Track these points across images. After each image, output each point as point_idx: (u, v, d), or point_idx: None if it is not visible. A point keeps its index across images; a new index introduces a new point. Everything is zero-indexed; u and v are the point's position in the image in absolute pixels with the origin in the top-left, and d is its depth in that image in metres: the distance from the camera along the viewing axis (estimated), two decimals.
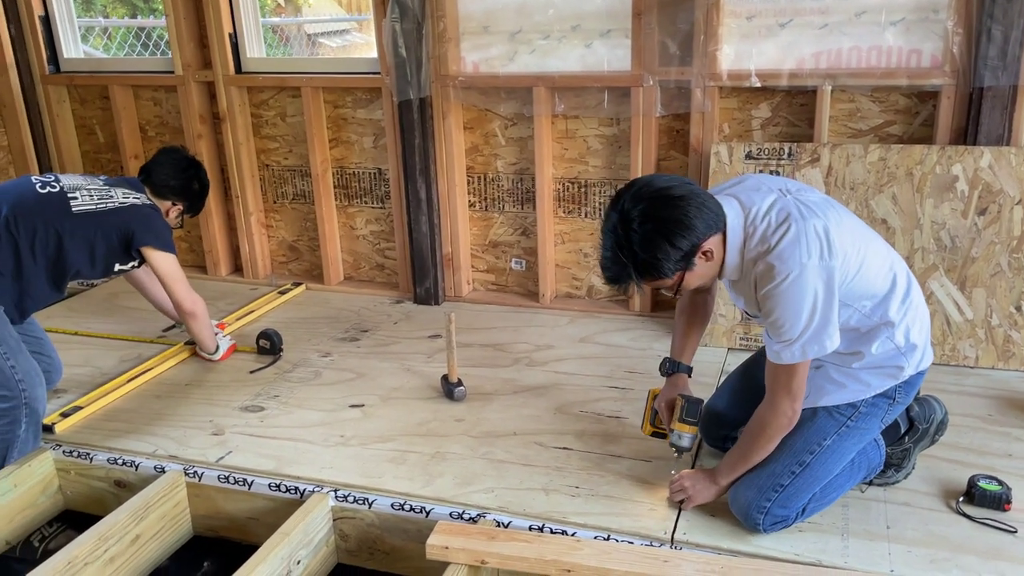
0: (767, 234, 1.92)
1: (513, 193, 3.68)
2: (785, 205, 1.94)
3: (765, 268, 1.90)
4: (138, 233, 2.77)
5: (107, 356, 3.29)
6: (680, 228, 1.87)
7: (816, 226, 1.89)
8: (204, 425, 2.74)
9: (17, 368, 2.51)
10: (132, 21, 4.83)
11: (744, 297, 2.06)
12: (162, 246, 2.84)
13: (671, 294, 2.03)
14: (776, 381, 1.98)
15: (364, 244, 4.02)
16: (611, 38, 3.30)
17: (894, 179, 2.94)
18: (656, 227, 1.87)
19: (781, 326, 1.90)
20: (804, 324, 1.88)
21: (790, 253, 1.87)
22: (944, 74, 2.92)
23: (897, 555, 2.01)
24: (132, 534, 2.30)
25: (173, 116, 4.10)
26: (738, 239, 1.96)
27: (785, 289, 1.87)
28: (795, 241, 1.87)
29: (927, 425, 2.29)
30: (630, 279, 1.94)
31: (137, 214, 2.78)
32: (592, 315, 3.57)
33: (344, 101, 3.81)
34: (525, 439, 2.59)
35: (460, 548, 2.04)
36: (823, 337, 1.90)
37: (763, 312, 1.95)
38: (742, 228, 1.95)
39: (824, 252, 1.87)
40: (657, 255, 1.87)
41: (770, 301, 1.90)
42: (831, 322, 1.90)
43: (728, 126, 3.26)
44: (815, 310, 1.87)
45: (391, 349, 3.31)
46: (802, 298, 1.86)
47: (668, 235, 1.86)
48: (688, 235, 1.87)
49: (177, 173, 2.96)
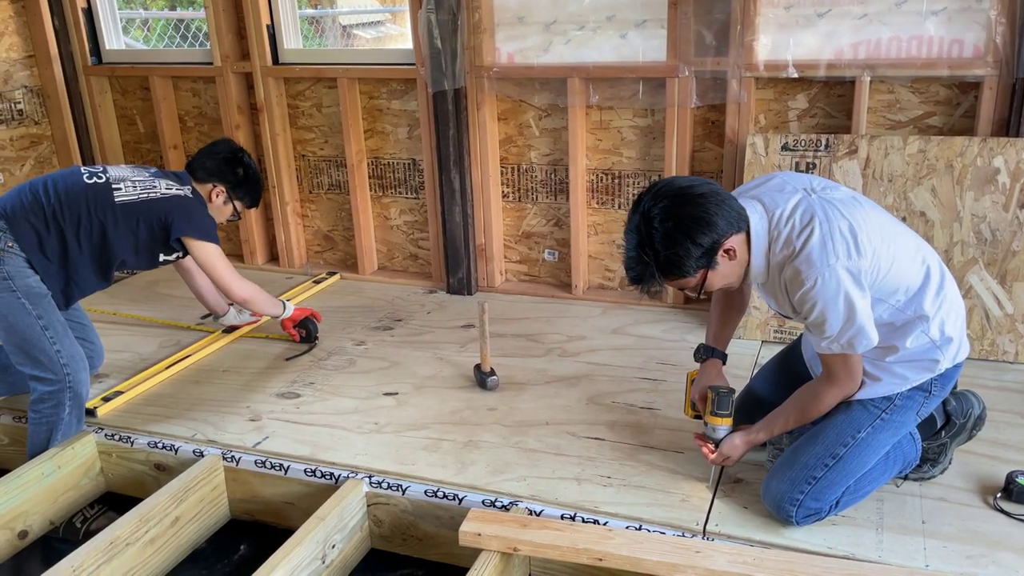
0: (792, 237, 1.91)
1: (546, 184, 3.68)
2: (809, 206, 1.94)
3: (793, 273, 1.90)
4: (177, 223, 2.76)
5: (147, 342, 3.36)
6: (701, 225, 1.87)
7: (841, 227, 1.88)
8: (241, 411, 2.79)
9: (63, 352, 2.57)
10: (171, 13, 4.90)
11: (775, 299, 2.06)
12: (202, 235, 2.81)
13: (696, 295, 2.02)
14: (833, 366, 2.00)
15: (398, 234, 4.05)
16: (646, 28, 3.28)
17: (934, 171, 2.90)
18: (677, 224, 1.87)
19: (820, 326, 1.91)
20: (842, 323, 1.89)
21: (817, 256, 1.87)
22: (986, 64, 2.87)
23: (933, 550, 2.00)
24: (172, 516, 2.35)
25: (212, 107, 4.16)
26: (763, 242, 1.96)
27: (817, 292, 1.87)
28: (821, 244, 1.87)
29: (964, 420, 2.27)
30: (653, 279, 1.94)
31: (178, 204, 2.80)
32: (625, 306, 3.57)
33: (379, 92, 3.83)
34: (557, 429, 2.60)
35: (493, 535, 2.06)
36: (868, 331, 1.91)
37: (802, 314, 1.96)
38: (766, 232, 1.95)
39: (851, 252, 1.86)
40: (678, 252, 1.87)
41: (805, 305, 1.91)
42: (869, 317, 1.90)
43: (764, 117, 3.24)
44: (851, 309, 1.87)
45: (424, 338, 3.33)
46: (835, 300, 1.86)
47: (689, 232, 1.86)
48: (709, 232, 1.87)
49: (214, 155, 2.93)
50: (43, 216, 2.60)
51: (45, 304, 2.58)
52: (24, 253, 2.57)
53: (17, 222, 2.58)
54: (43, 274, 2.61)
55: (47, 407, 2.58)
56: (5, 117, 4.14)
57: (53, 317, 2.58)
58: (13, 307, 2.53)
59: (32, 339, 2.54)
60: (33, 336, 2.54)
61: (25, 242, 2.57)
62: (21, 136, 4.22)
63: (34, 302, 2.55)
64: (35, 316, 2.54)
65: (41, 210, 2.60)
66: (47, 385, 2.57)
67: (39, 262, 2.60)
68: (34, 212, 2.60)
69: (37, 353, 2.55)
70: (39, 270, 2.60)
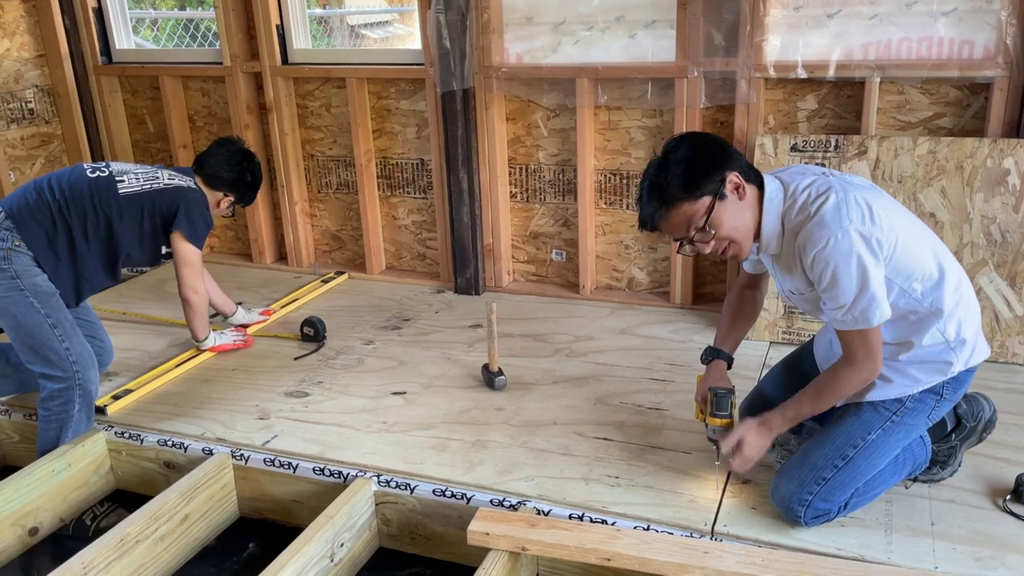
0: (807, 203, 1.94)
1: (554, 184, 3.68)
2: (827, 181, 1.98)
3: (806, 235, 1.91)
4: (178, 216, 2.79)
5: (156, 341, 3.37)
6: (714, 150, 1.97)
7: (857, 196, 1.91)
8: (250, 409, 2.80)
9: (72, 350, 2.59)
10: (181, 13, 4.91)
11: (788, 273, 2.04)
12: (191, 239, 2.84)
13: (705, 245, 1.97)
14: (851, 344, 1.96)
15: (406, 234, 4.06)
16: (655, 29, 3.28)
17: (943, 172, 2.89)
18: (694, 151, 1.96)
19: (832, 291, 1.89)
20: (856, 287, 1.86)
21: (831, 217, 1.87)
22: (997, 65, 2.86)
23: (942, 552, 1.99)
24: (181, 514, 2.36)
25: (221, 106, 4.18)
26: (777, 207, 1.98)
27: (829, 253, 1.86)
28: (836, 207, 1.88)
29: (975, 423, 2.26)
30: (663, 206, 1.95)
31: (182, 197, 2.82)
32: (632, 307, 3.57)
33: (388, 92, 3.84)
34: (565, 429, 2.61)
35: (501, 535, 2.06)
36: (881, 301, 1.88)
37: (814, 281, 1.94)
38: (782, 200, 1.99)
39: (866, 218, 1.87)
40: (693, 169, 1.93)
41: (817, 267, 1.90)
42: (882, 287, 1.88)
43: (773, 118, 3.23)
44: (864, 274, 1.85)
45: (432, 338, 3.34)
46: (847, 261, 1.85)
47: (701, 155, 1.95)
48: (721, 156, 1.96)
49: (231, 166, 2.96)
50: (49, 214, 2.62)
51: (53, 303, 2.59)
52: (31, 252, 2.59)
53: (24, 221, 2.59)
54: (53, 272, 2.63)
55: (56, 405, 2.60)
56: (16, 116, 4.16)
57: (61, 315, 2.60)
58: (21, 306, 2.54)
59: (41, 337, 2.56)
60: (42, 334, 2.55)
61: (33, 241, 2.59)
62: (32, 135, 4.24)
63: (42, 301, 2.56)
64: (44, 315, 2.55)
65: (47, 208, 2.62)
66: (56, 383, 2.58)
67: (49, 260, 2.61)
68: (40, 211, 2.61)
69: (46, 351, 2.56)
70: (49, 268, 2.62)
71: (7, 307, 2.55)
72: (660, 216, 1.97)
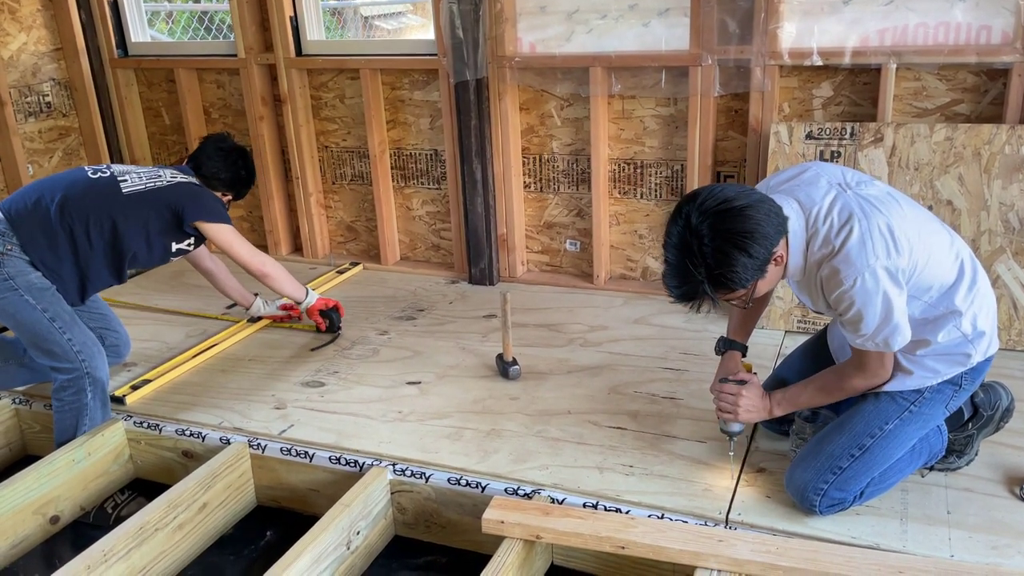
0: (830, 236, 1.89)
1: (568, 174, 3.68)
2: (846, 202, 1.91)
3: (831, 272, 1.88)
4: (189, 209, 2.79)
5: (174, 332, 3.40)
6: (755, 238, 1.81)
7: (880, 224, 1.86)
8: (267, 399, 2.82)
9: (74, 340, 2.60)
10: (195, 5, 4.94)
11: (809, 297, 2.05)
12: (215, 218, 2.86)
13: (743, 305, 1.99)
14: (866, 357, 1.99)
15: (420, 225, 4.07)
16: (669, 17, 3.26)
17: (961, 159, 2.86)
18: (729, 240, 1.80)
19: (856, 324, 1.90)
20: (879, 321, 1.87)
21: (856, 255, 1.84)
22: (1015, 51, 2.82)
23: (958, 541, 1.99)
24: (200, 502, 2.39)
25: (236, 98, 4.19)
26: (800, 241, 1.93)
27: (856, 293, 1.85)
28: (860, 243, 1.84)
29: (992, 412, 2.25)
30: (705, 294, 1.89)
31: (186, 191, 2.83)
32: (647, 296, 3.57)
33: (401, 83, 3.84)
34: (579, 418, 2.61)
35: (515, 523, 2.07)
36: (903, 328, 1.90)
37: (836, 312, 1.95)
38: (804, 230, 1.92)
39: (891, 250, 1.84)
40: (735, 267, 1.81)
41: (842, 304, 1.89)
42: (904, 314, 1.89)
43: (788, 106, 3.21)
44: (888, 308, 1.86)
45: (447, 328, 3.35)
46: (873, 299, 1.85)
47: (743, 246, 1.80)
48: (763, 243, 1.82)
49: (228, 165, 2.98)
50: (48, 222, 2.62)
51: (48, 296, 2.61)
52: (28, 255, 2.60)
53: (22, 226, 2.61)
54: (54, 273, 2.64)
55: (68, 395, 2.62)
56: (34, 110, 4.19)
57: (59, 308, 2.61)
58: (18, 305, 2.56)
59: (42, 332, 2.58)
60: (42, 329, 2.57)
61: (31, 244, 2.60)
62: (50, 128, 4.28)
63: (37, 296, 2.58)
64: (40, 310, 2.57)
65: (46, 217, 2.62)
66: (65, 374, 2.60)
67: (49, 262, 2.63)
68: (37, 218, 2.62)
69: (50, 345, 2.59)
70: (49, 269, 2.63)
71: (5, 308, 2.57)
72: (701, 300, 1.92)
